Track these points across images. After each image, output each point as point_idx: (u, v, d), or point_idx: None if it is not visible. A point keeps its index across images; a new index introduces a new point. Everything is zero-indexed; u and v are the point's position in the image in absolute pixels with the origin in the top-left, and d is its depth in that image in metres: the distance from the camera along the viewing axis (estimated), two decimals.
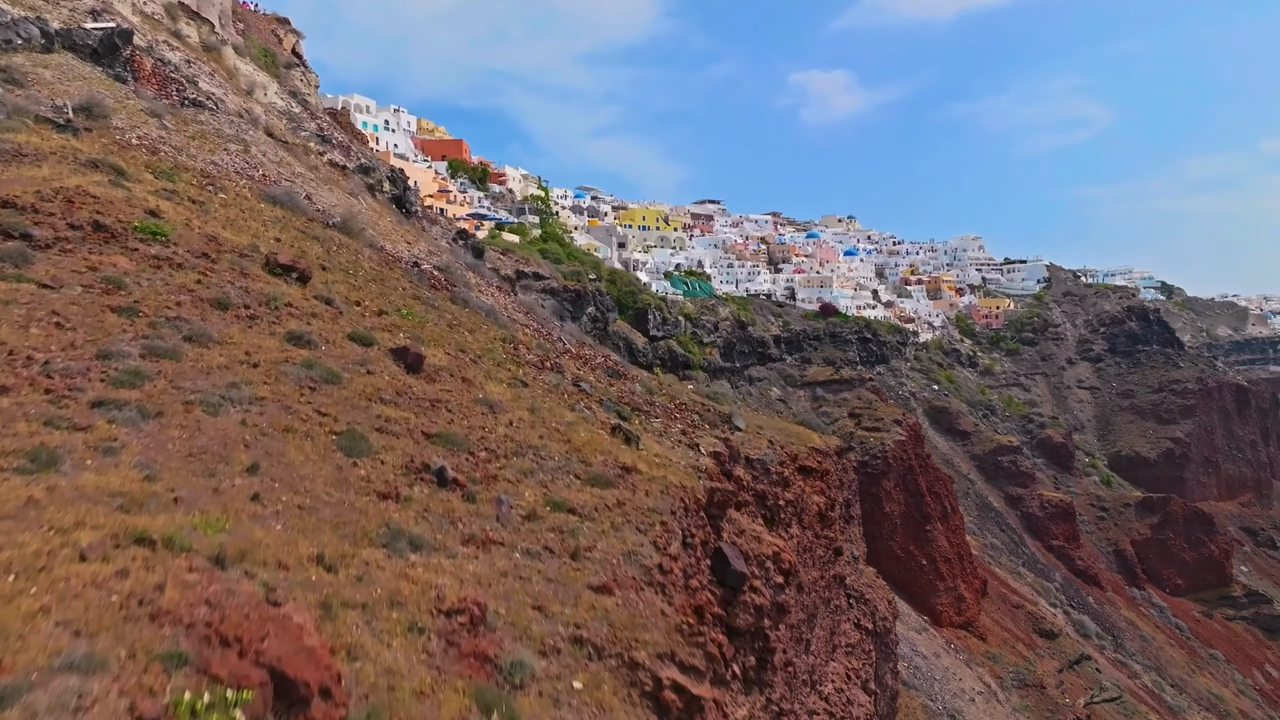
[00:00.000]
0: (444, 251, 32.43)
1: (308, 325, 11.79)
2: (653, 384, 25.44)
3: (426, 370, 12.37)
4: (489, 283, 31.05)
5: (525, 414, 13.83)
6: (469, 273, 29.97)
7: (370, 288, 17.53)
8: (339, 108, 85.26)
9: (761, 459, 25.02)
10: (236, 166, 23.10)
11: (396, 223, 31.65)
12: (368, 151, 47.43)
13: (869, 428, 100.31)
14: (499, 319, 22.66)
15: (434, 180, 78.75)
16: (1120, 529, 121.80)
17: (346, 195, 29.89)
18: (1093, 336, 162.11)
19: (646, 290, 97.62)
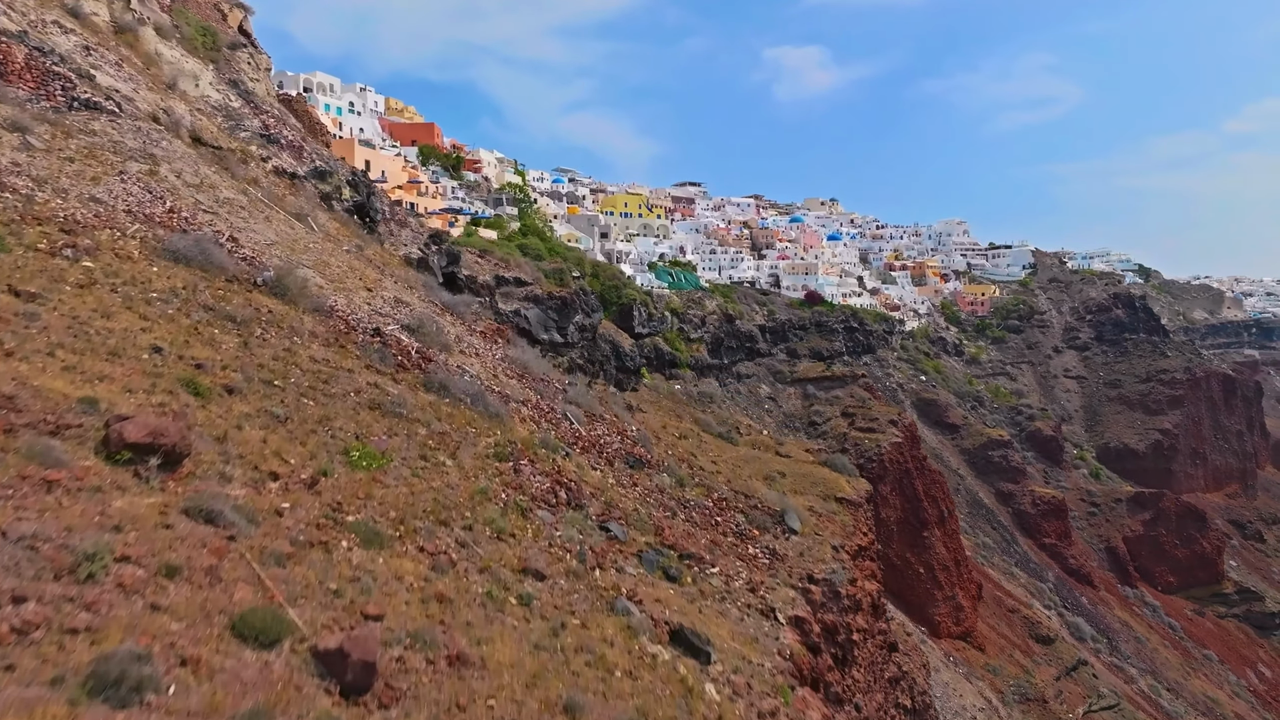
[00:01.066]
0: (414, 285, 26.36)
1: (151, 613, 5.95)
2: (681, 470, 19.79)
3: (383, 672, 6.68)
4: (472, 326, 25.09)
5: (556, 667, 8.25)
6: (447, 318, 23.96)
7: (304, 412, 11.67)
8: (297, 92, 77.99)
9: (829, 578, 19.57)
10: (131, 201, 16.88)
11: (355, 251, 25.48)
12: (325, 150, 40.86)
13: (863, 429, 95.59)
14: (488, 406, 16.81)
15: (404, 169, 71.90)
16: (1112, 525, 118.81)
17: (291, 220, 23.71)
18: (1079, 324, 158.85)
19: (631, 284, 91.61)
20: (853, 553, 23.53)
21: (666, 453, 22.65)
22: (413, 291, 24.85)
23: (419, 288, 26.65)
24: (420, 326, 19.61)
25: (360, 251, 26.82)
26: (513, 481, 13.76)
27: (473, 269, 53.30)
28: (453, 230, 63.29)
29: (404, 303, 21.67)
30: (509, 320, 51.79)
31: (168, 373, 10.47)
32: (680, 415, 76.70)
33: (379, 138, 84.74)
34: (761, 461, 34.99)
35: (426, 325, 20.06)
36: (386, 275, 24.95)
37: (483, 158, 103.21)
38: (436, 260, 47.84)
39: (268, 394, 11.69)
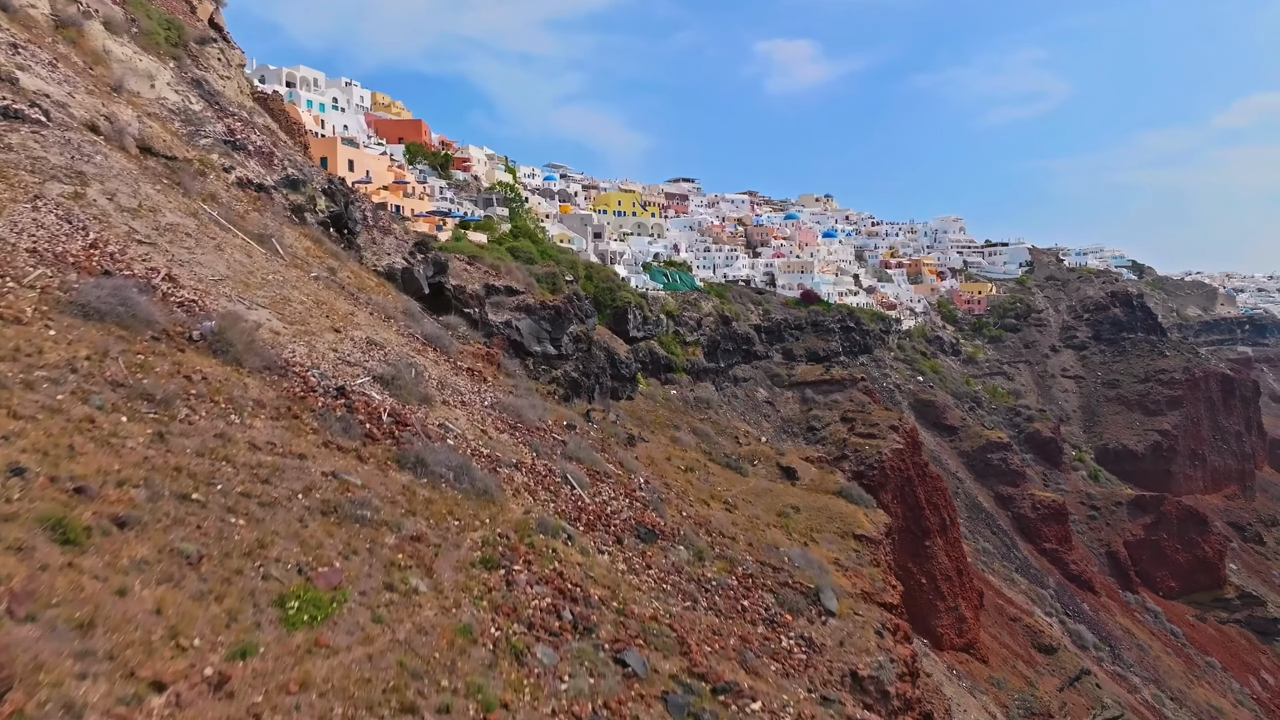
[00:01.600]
0: (393, 315, 23.36)
1: None
2: (701, 541, 16.93)
3: None
4: (457, 363, 22.15)
5: None
6: (429, 356, 20.98)
7: (228, 541, 8.76)
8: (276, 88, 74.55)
9: (876, 674, 16.78)
10: (41, 236, 13.83)
11: (326, 277, 22.43)
12: (300, 155, 37.71)
13: (863, 434, 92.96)
14: (474, 481, 13.90)
15: (390, 169, 68.59)
16: (1112, 529, 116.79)
17: (251, 244, 20.67)
18: (1076, 323, 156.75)
19: (625, 286, 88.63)
20: (891, 628, 20.72)
21: (678, 509, 19.74)
22: (390, 324, 21.82)
23: (398, 316, 23.62)
24: (396, 377, 16.63)
25: (332, 276, 23.78)
26: (504, 603, 10.84)
27: (461, 278, 50.22)
28: (440, 234, 60.15)
29: (377, 344, 18.65)
30: (500, 332, 48.79)
31: (25, 511, 7.53)
32: (678, 425, 73.94)
33: (364, 135, 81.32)
34: (773, 495, 32.22)
35: (403, 373, 17.07)
36: (361, 306, 21.90)
37: (472, 155, 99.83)
38: (422, 271, 44.77)
39: (179, 519, 8.75)
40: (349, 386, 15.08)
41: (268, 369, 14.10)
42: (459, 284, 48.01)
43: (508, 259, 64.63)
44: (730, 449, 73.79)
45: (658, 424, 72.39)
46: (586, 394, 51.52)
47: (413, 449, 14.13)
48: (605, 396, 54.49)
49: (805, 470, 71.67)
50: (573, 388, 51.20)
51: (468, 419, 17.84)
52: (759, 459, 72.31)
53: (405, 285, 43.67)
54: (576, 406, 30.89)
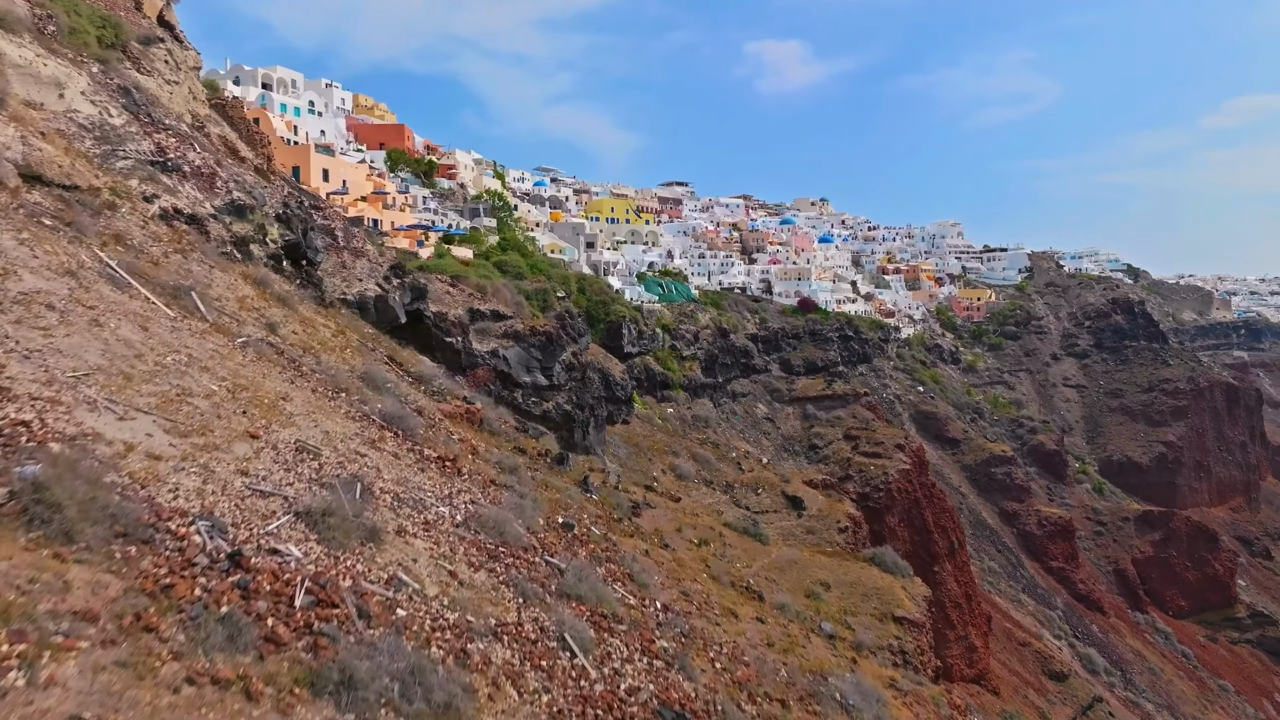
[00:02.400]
0: (345, 385, 18.63)
1: None
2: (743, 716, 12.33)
3: None
4: (425, 451, 17.46)
5: None
6: (387, 448, 16.29)
7: None
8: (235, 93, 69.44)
9: None
10: None
11: (257, 346, 17.62)
12: (253, 173, 32.84)
13: (868, 453, 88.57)
14: (429, 693, 9.27)
15: (369, 178, 63.66)
16: (1120, 545, 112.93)
17: (155, 308, 15.94)
18: (1077, 331, 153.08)
19: (619, 299, 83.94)
20: None
21: (705, 648, 15.13)
22: (338, 405, 17.05)
23: (352, 387, 18.86)
24: (330, 509, 11.93)
25: (270, 336, 18.99)
26: None
27: (443, 302, 45.40)
28: (422, 251, 55.29)
29: (310, 450, 13.93)
30: (485, 363, 44.05)
31: None
32: (677, 450, 69.49)
33: (343, 141, 76.27)
34: (800, 569, 27.68)
35: (341, 499, 12.39)
36: (301, 380, 17.14)
37: (459, 160, 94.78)
38: (397, 298, 39.99)
39: None
40: (250, 546, 10.36)
41: (122, 537, 9.37)
42: (440, 310, 43.21)
43: (495, 275, 59.81)
44: (732, 476, 69.39)
45: (656, 450, 67.89)
46: (581, 428, 46.81)
47: (338, 649, 9.43)
48: (601, 429, 49.82)
49: (812, 499, 67.33)
50: (566, 422, 46.46)
51: (430, 555, 13.14)
52: (763, 487, 67.95)
53: (379, 315, 38.88)
54: (572, 470, 26.20)
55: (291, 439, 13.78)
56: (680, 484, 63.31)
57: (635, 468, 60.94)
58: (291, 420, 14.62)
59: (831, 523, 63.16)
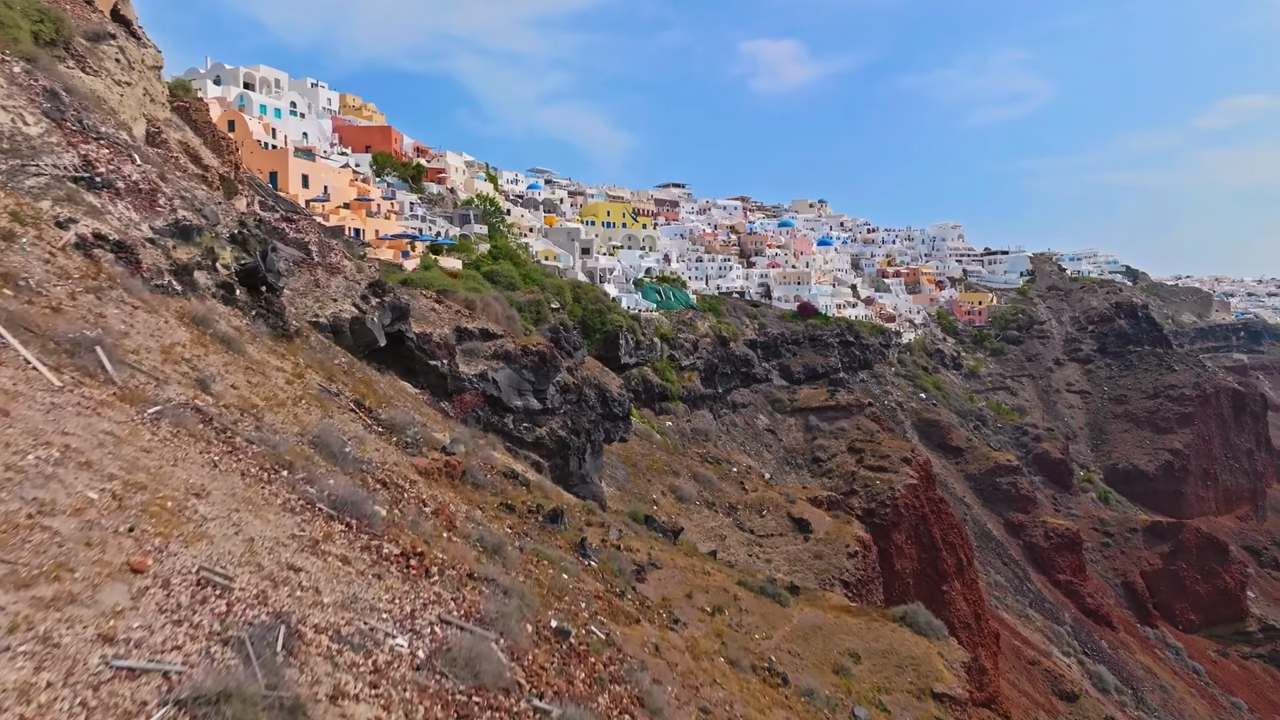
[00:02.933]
0: (286, 467, 15.12)
1: None
2: None
3: None
4: (383, 545, 13.94)
5: None
6: (333, 547, 12.79)
7: None
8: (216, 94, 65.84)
9: None
10: None
11: (174, 421, 14.09)
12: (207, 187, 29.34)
13: (874, 467, 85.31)
14: None
15: (352, 183, 60.06)
16: (1128, 557, 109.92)
17: (15, 382, 12.41)
18: (1080, 335, 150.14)
19: (616, 308, 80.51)
20: None
21: None
22: (274, 490, 13.54)
23: (300, 457, 15.35)
24: (230, 687, 8.44)
25: (200, 396, 15.48)
26: None
27: (428, 321, 41.87)
28: (407, 262, 51.71)
29: (219, 581, 10.41)
30: (473, 387, 40.56)
31: None
32: (677, 470, 66.12)
33: (327, 144, 72.59)
34: (825, 636, 24.32)
35: (249, 667, 8.90)
36: (227, 460, 13.63)
37: (449, 163, 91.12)
38: (377, 319, 36.54)
39: None
40: None
41: None
42: (424, 330, 39.70)
43: (486, 287, 56.31)
44: (735, 496, 66.10)
45: (655, 470, 64.54)
46: (576, 455, 43.34)
47: None
48: (598, 454, 46.39)
49: (819, 521, 64.05)
50: (560, 449, 42.99)
51: None
52: (767, 508, 64.67)
53: (355, 339, 35.40)
54: (567, 529, 22.80)
55: (194, 566, 10.32)
56: (681, 506, 60.01)
57: (634, 491, 57.57)
58: (201, 531, 11.18)
59: (840, 547, 59.84)
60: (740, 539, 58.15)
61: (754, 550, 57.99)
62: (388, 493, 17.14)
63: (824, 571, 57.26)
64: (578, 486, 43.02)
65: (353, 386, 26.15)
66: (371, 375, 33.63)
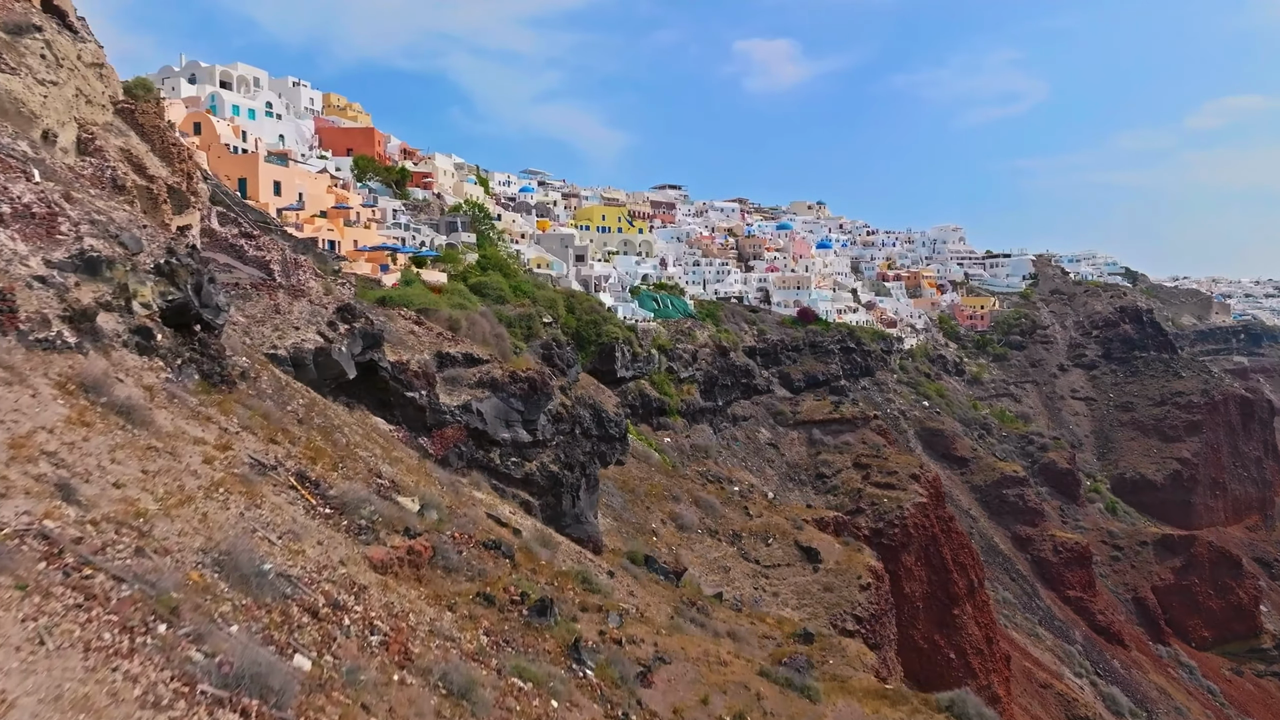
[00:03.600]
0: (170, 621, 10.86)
1: None
2: None
3: None
4: None
5: None
6: None
7: None
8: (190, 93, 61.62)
9: None
10: None
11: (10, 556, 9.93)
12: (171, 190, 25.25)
13: (881, 484, 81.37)
14: None
15: (330, 190, 55.78)
16: (1138, 572, 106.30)
17: None
18: (1085, 340, 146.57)
19: (612, 319, 76.37)
20: None
21: None
22: (130, 667, 9.42)
23: (192, 594, 11.20)
24: None
25: (38, 526, 11.31)
26: None
27: (405, 345, 37.70)
28: (386, 277, 47.46)
29: None
30: (456, 420, 36.40)
31: None
32: (678, 495, 62.05)
33: (305, 146, 68.22)
34: None
35: None
36: (57, 641, 9.47)
37: (438, 164, 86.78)
38: (346, 348, 32.40)
39: None
40: None
41: None
42: (400, 359, 35.51)
43: (472, 303, 52.14)
44: (739, 523, 62.10)
45: (654, 496, 60.51)
46: (570, 492, 39.27)
47: None
48: (593, 489, 42.27)
49: (827, 548, 60.13)
50: (552, 485, 38.88)
51: None
52: (773, 535, 60.70)
53: (320, 372, 31.25)
54: (558, 625, 18.71)
55: None
56: (682, 536, 56.04)
57: (632, 521, 53.54)
58: None
59: (852, 578, 55.90)
60: (745, 570, 54.22)
61: (760, 583, 54.11)
62: (320, 627, 12.94)
63: (835, 606, 53.42)
64: (571, 527, 38.99)
65: (303, 444, 21.91)
66: (336, 416, 29.38)
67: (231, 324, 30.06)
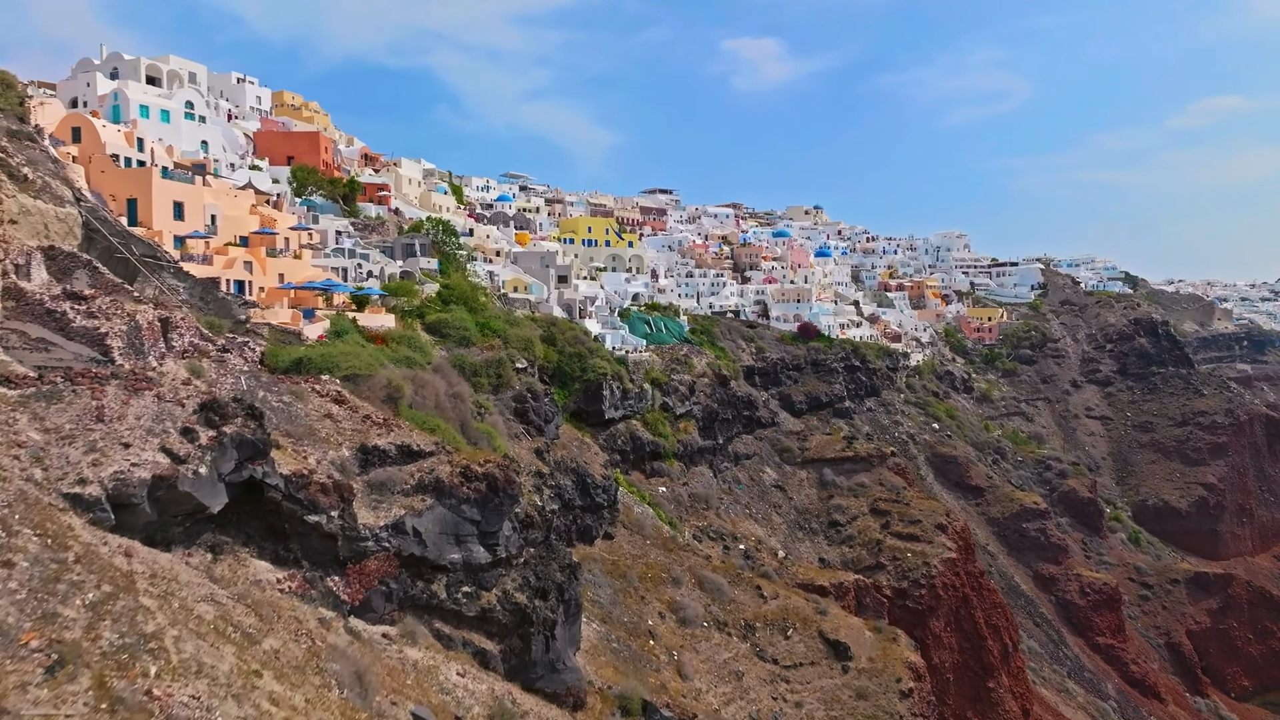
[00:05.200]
0: None
1: None
2: None
3: None
4: None
5: None
6: None
7: None
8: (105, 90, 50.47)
9: None
10: None
11: None
12: None
13: (903, 535, 71.20)
14: None
15: (253, 210, 44.91)
16: (1170, 613, 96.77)
17: None
18: (1098, 354, 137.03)
19: (599, 350, 65.77)
20: None
21: None
22: None
23: None
24: None
25: None
26: None
27: (313, 441, 27.09)
28: (310, 328, 36.54)
29: None
30: (382, 546, 25.79)
31: None
32: (678, 575, 51.29)
33: (236, 154, 57.11)
34: None
35: None
36: None
37: (402, 173, 75.71)
38: (207, 469, 21.67)
39: None
40: None
41: None
42: (300, 468, 24.79)
43: (426, 352, 41.45)
44: (751, 607, 51.64)
45: (649, 579, 50.01)
46: (543, 631, 28.84)
47: None
48: (573, 619, 31.76)
49: (858, 641, 49.87)
50: (519, 623, 28.36)
51: None
52: (793, 624, 50.34)
53: (163, 511, 20.76)
54: None
55: None
56: (685, 633, 45.67)
57: (624, 621, 43.06)
58: None
59: (889, 680, 45.65)
60: (761, 675, 43.93)
61: (779, 688, 43.87)
62: None
63: (873, 718, 43.29)
64: (544, 679, 28.66)
65: None
66: (172, 584, 18.57)
67: (11, 451, 19.33)
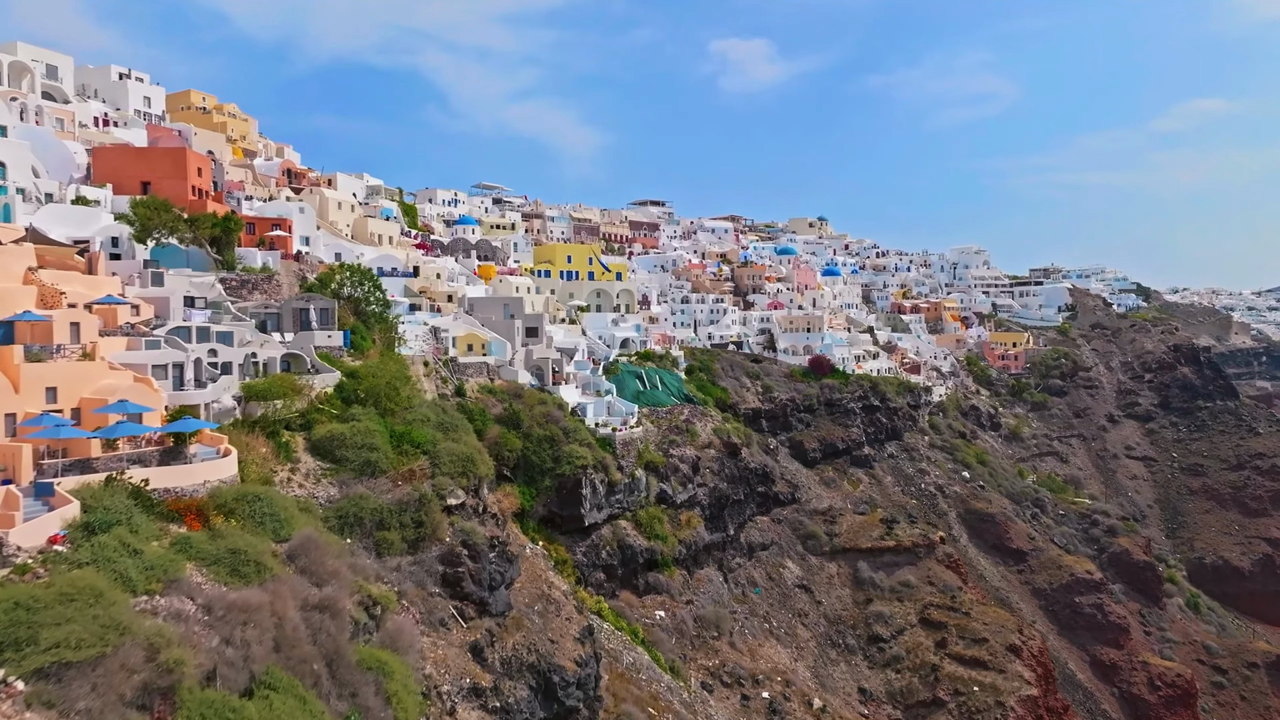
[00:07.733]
0: None
1: None
2: None
3: None
4: None
5: None
6: None
7: None
8: None
9: None
10: None
11: None
12: None
13: (965, 659, 54.95)
14: None
15: (30, 276, 28.10)
16: (1251, 706, 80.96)
17: None
18: (1136, 385, 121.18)
19: (577, 432, 48.94)
20: None
21: None
22: None
23: None
24: None
25: None
26: None
27: None
28: (28, 529, 19.65)
29: None
30: None
31: None
32: None
33: (64, 178, 39.99)
34: None
35: None
36: None
37: (330, 195, 58.50)
38: None
39: None
40: None
41: None
42: None
43: (283, 523, 24.83)
44: None
45: None
46: None
47: None
48: None
49: None
50: None
51: None
52: None
53: None
54: None
55: None
56: None
57: None
58: None
59: None
60: None
61: None
62: None
63: None
64: None
65: None
66: None
67: None
